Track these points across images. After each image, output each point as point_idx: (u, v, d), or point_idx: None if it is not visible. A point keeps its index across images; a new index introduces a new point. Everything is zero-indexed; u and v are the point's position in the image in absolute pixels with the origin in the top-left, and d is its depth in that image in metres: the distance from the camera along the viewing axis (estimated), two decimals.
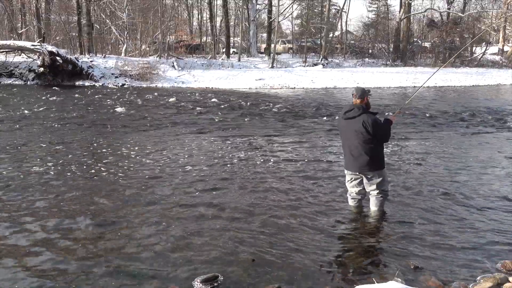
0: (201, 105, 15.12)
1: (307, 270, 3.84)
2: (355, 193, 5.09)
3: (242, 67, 29.05)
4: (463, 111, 14.08)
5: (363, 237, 4.56)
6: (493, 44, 45.61)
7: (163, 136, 9.69)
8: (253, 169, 7.06)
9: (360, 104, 4.78)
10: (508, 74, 31.83)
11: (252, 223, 4.83)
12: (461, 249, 4.22)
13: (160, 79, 23.76)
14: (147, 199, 5.59)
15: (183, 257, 4.08)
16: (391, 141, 5.93)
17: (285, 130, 10.73)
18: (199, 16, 44.42)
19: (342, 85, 24.09)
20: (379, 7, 44.96)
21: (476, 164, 7.47)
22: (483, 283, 3.55)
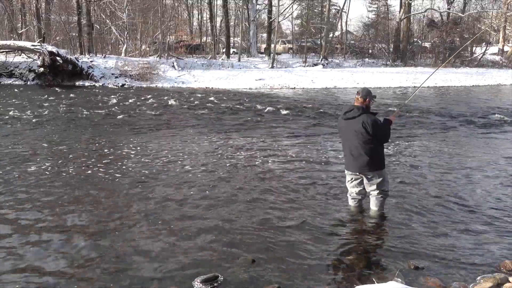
0: (201, 105, 15.12)
1: (307, 270, 3.84)
2: (355, 193, 5.09)
3: (242, 67, 29.04)
4: (464, 111, 14.07)
5: (363, 237, 4.56)
6: (493, 44, 45.58)
7: (163, 136, 9.69)
8: (252, 169, 7.06)
9: (360, 104, 4.78)
10: (508, 74, 31.81)
11: (252, 224, 4.83)
12: (461, 250, 4.22)
13: (160, 79, 23.76)
14: (146, 200, 5.59)
15: (183, 257, 4.08)
16: (391, 142, 5.93)
17: (285, 130, 10.72)
18: (199, 16, 44.43)
19: (342, 85, 24.09)
20: (379, 7, 44.96)
21: (475, 165, 7.47)
22: (483, 283, 3.55)
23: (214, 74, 25.38)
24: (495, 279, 3.60)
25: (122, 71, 23.64)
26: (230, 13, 40.31)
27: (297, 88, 23.02)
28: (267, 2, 36.82)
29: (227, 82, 23.87)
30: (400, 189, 6.04)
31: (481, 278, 3.67)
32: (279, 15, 34.18)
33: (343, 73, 27.94)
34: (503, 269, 3.85)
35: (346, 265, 3.99)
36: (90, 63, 23.81)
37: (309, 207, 5.34)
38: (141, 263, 3.96)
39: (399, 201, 5.56)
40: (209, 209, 5.27)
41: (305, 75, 26.75)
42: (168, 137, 9.59)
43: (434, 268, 3.87)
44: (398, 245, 4.34)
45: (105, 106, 14.71)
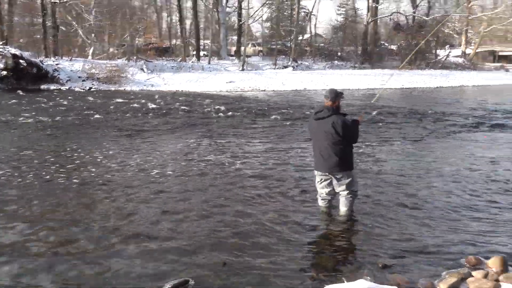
0: (170, 108, 14.98)
1: (278, 271, 3.85)
2: (325, 194, 5.14)
3: (212, 69, 28.97)
4: (429, 112, 14.48)
5: (332, 237, 4.61)
6: (456, 47, 47.14)
7: (131, 140, 9.53)
8: (222, 171, 7.03)
9: (331, 105, 4.84)
10: (470, 75, 32.99)
11: (222, 227, 4.80)
12: (427, 247, 4.32)
13: (129, 82, 23.42)
14: (112, 203, 5.48)
15: (152, 262, 4.01)
16: (359, 143, 6.03)
17: (255, 131, 10.75)
18: (168, 19, 44.10)
19: (312, 87, 24.39)
20: (347, 10, 45.69)
21: (439, 166, 7.69)
22: (448, 279, 3.64)
23: (184, 77, 25.22)
24: (460, 274, 3.71)
25: (89, 74, 23.18)
26: (200, 15, 40.16)
27: (267, 90, 23.14)
28: (237, 5, 36.90)
29: (198, 85, 23.76)
30: (369, 189, 6.14)
31: (446, 273, 3.77)
32: (249, 17, 34.32)
33: (313, 75, 28.30)
34: (467, 264, 3.96)
35: (316, 265, 4.02)
36: (55, 66, 23.23)
37: (278, 209, 5.35)
38: (109, 270, 3.88)
39: (368, 201, 5.65)
40: (177, 213, 5.20)
41: (276, 77, 26.95)
42: (137, 141, 9.44)
43: (402, 266, 3.95)
44: (367, 244, 4.40)
45: (72, 109, 14.36)
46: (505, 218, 5.11)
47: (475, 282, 3.52)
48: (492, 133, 10.89)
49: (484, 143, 9.58)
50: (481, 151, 8.70)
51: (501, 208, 5.44)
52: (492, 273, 3.70)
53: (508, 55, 52.09)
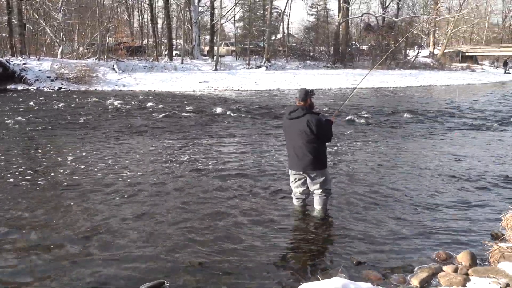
0: (142, 108, 14.78)
1: (254, 271, 3.87)
2: (299, 193, 5.18)
3: (185, 69, 28.74)
4: (399, 111, 14.79)
5: (307, 236, 4.66)
6: (424, 48, 48.34)
7: (102, 141, 9.35)
8: (195, 171, 6.99)
9: (303, 105, 4.88)
10: (439, 75, 33.89)
11: (196, 227, 4.78)
12: (400, 244, 4.42)
13: (100, 82, 22.97)
14: (82, 206, 5.36)
15: (126, 264, 3.96)
16: (332, 142, 6.11)
17: (229, 131, 10.73)
18: (139, 18, 43.46)
19: (285, 86, 24.52)
20: (319, 11, 46.18)
21: (410, 163, 7.88)
22: (420, 274, 3.74)
23: (157, 77, 24.92)
24: (431, 269, 3.81)
25: (58, 74, 22.61)
26: (172, 14, 39.79)
27: (241, 90, 23.13)
28: (209, 4, 36.71)
29: (170, 84, 23.52)
30: (342, 187, 6.24)
31: (418, 268, 3.87)
32: (222, 17, 34.19)
33: (286, 75, 28.45)
34: (438, 259, 4.08)
35: (292, 264, 4.05)
36: (22, 66, 22.55)
37: (253, 209, 5.36)
38: (80, 275, 3.80)
39: (341, 199, 5.73)
40: (150, 214, 5.14)
41: (249, 77, 26.96)
42: (108, 142, 9.27)
43: (375, 262, 4.03)
44: (341, 242, 4.47)
45: (40, 110, 13.98)
46: (473, 215, 5.29)
47: (446, 277, 3.63)
48: (464, 131, 11.20)
49: (456, 139, 9.86)
50: (453, 149, 8.95)
51: (469, 205, 5.62)
52: (461, 267, 3.82)
53: (473, 56, 53.83)
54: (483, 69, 48.07)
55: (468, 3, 47.64)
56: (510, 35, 66.07)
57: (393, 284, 3.63)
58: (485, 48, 55.57)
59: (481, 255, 4.10)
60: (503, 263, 3.76)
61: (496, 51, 54.95)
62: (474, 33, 61.66)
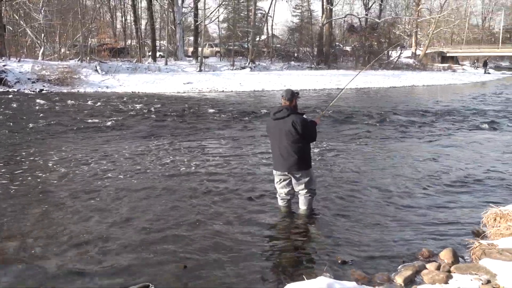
0: (124, 110, 14.65)
1: (239, 272, 3.86)
2: (284, 193, 5.20)
3: (169, 70, 28.60)
4: (383, 111, 14.95)
5: (293, 236, 4.67)
6: (407, 48, 48.97)
7: (84, 143, 9.24)
8: (179, 174, 6.94)
9: (288, 105, 4.90)
10: (421, 76, 34.36)
11: (181, 229, 4.75)
12: (384, 243, 4.47)
13: (83, 84, 22.70)
14: (63, 209, 5.29)
15: (110, 268, 3.91)
16: (316, 142, 6.15)
17: (213, 133, 10.70)
18: (122, 19, 43.07)
19: (269, 87, 24.57)
20: (302, 12, 46.44)
21: (394, 164, 7.97)
22: (403, 272, 3.78)
23: (141, 78, 24.74)
24: (414, 267, 3.86)
25: (39, 75, 22.25)
26: (156, 15, 39.57)
27: (225, 91, 23.10)
28: (193, 5, 36.61)
29: (154, 86, 23.37)
30: (326, 188, 6.27)
31: (402, 267, 3.92)
32: (206, 18, 34.12)
33: (270, 76, 28.52)
34: (421, 257, 4.13)
35: (277, 264, 4.06)
36: (2, 67, 22.13)
37: (238, 210, 5.35)
38: (64, 279, 3.75)
39: (326, 199, 5.76)
40: (134, 217, 5.10)
41: (233, 78, 26.95)
42: (90, 144, 9.15)
43: (360, 261, 4.06)
44: (326, 242, 4.50)
45: (22, 113, 13.74)
46: (455, 213, 5.37)
47: (429, 274, 3.68)
48: (447, 131, 11.35)
49: (439, 139, 10.00)
50: (435, 149, 9.08)
51: (451, 204, 5.71)
52: (444, 264, 3.87)
53: (454, 56, 54.76)
54: (464, 69, 48.95)
55: (448, 4, 48.51)
56: (489, 36, 67.43)
57: (378, 283, 3.66)
58: (466, 49, 56.58)
59: (463, 252, 4.17)
60: (484, 260, 3.83)
61: (476, 51, 55.99)
62: (455, 34, 62.71)
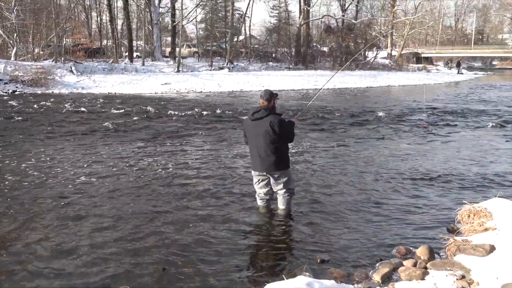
0: (101, 111, 14.43)
1: (218, 273, 3.85)
2: (263, 193, 5.20)
3: (146, 71, 28.30)
4: (361, 111, 15.14)
5: (272, 236, 4.69)
6: (382, 49, 49.74)
7: (59, 146, 9.06)
8: (157, 176, 6.88)
9: (267, 105, 4.91)
10: (397, 76, 34.96)
11: (159, 231, 4.71)
12: (362, 241, 4.53)
13: (57, 85, 22.25)
14: (40, 214, 5.18)
15: (88, 272, 3.85)
16: (293, 142, 6.18)
17: (191, 134, 10.64)
18: (98, 18, 42.31)
19: (248, 88, 24.58)
20: (280, 12, 46.64)
21: (369, 163, 8.08)
22: (381, 269, 3.84)
23: (117, 79, 24.40)
24: (391, 264, 3.92)
25: (12, 76, 21.71)
26: (132, 15, 39.06)
27: (204, 92, 23.00)
28: (170, 5, 36.29)
29: (131, 87, 23.09)
30: (305, 187, 6.31)
31: (380, 264, 3.97)
32: (183, 18, 33.88)
33: (249, 77, 28.54)
34: (398, 254, 4.20)
35: (257, 265, 4.07)
36: None
37: (217, 211, 5.33)
38: (44, 281, 3.67)
39: (305, 199, 5.80)
40: (111, 219, 5.03)
41: (212, 79, 26.86)
42: (66, 146, 8.98)
43: (339, 260, 4.10)
44: (305, 241, 4.53)
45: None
46: (431, 211, 5.48)
47: (406, 271, 3.74)
48: (424, 130, 11.59)
49: (416, 139, 10.19)
50: (412, 148, 9.25)
51: (427, 202, 5.83)
52: (420, 261, 3.95)
53: (429, 57, 55.92)
54: (438, 69, 50.03)
55: (423, 6, 49.48)
56: (462, 37, 69.15)
57: (356, 281, 3.70)
58: (440, 50, 57.89)
59: (439, 249, 4.25)
60: (459, 256, 3.92)
61: (449, 52, 57.35)
62: (429, 35, 64.08)
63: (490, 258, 3.76)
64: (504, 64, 68.56)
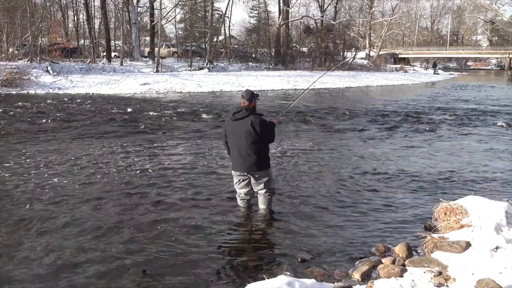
0: (75, 113, 14.19)
1: (199, 274, 3.83)
2: (244, 194, 5.20)
3: (125, 71, 27.96)
4: (341, 111, 15.29)
5: (253, 236, 4.69)
6: (361, 50, 50.32)
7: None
8: (137, 176, 6.81)
9: (247, 106, 4.91)
10: (375, 76, 35.41)
11: (139, 233, 4.65)
12: (341, 240, 4.57)
13: (33, 85, 21.79)
14: (17, 217, 5.06)
15: (68, 277, 3.78)
16: (273, 143, 6.21)
17: (171, 135, 10.56)
18: (75, 18, 41.64)
19: (228, 88, 24.53)
20: (259, 13, 46.74)
21: (349, 163, 8.17)
22: (361, 267, 3.89)
23: (95, 79, 24.04)
24: (371, 262, 3.98)
25: None
26: (110, 14, 38.55)
27: (183, 92, 22.86)
28: (149, 5, 35.94)
29: (109, 87, 22.77)
30: (285, 187, 6.34)
31: (359, 262, 4.02)
32: (162, 18, 33.60)
33: (229, 77, 28.48)
34: (377, 252, 4.26)
35: (238, 265, 4.06)
36: None
37: (197, 212, 5.31)
38: (20, 286, 3.59)
39: (285, 198, 5.83)
40: (90, 222, 4.95)
41: (191, 79, 26.71)
42: (43, 148, 8.80)
43: (319, 259, 4.14)
44: (286, 240, 4.55)
45: None
46: (409, 209, 5.58)
47: (385, 268, 3.80)
48: (401, 131, 11.78)
49: (394, 139, 10.34)
50: (389, 149, 9.38)
51: (405, 201, 5.93)
52: (398, 258, 4.01)
53: (406, 57, 56.89)
54: (414, 70, 50.93)
55: (400, 7, 50.30)
56: (438, 38, 70.58)
57: (336, 279, 3.74)
58: (416, 51, 58.99)
59: (417, 246, 4.33)
60: (436, 253, 4.00)
61: (426, 53, 58.51)
62: (406, 36, 65.21)
63: (466, 254, 3.85)
64: (478, 64, 70.35)
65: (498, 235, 3.99)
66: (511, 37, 66.79)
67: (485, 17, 73.38)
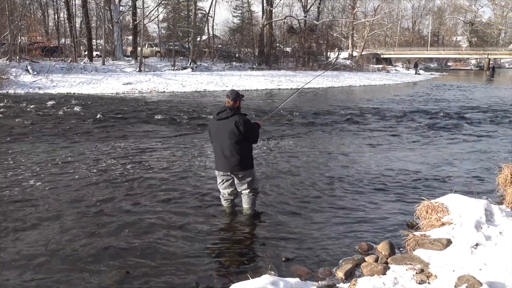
0: (56, 113, 13.98)
1: (183, 275, 3.81)
2: (227, 194, 5.19)
3: (107, 71, 27.66)
4: (323, 111, 15.39)
5: (236, 236, 4.69)
6: (344, 50, 50.72)
7: (15, 150, 8.71)
8: (119, 175, 6.74)
9: (232, 105, 4.90)
10: (357, 76, 35.74)
11: (122, 234, 4.60)
12: (325, 239, 4.60)
13: (12, 85, 21.39)
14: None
15: (48, 280, 3.72)
16: (258, 142, 6.21)
17: (154, 135, 10.48)
18: (55, 16, 40.97)
19: (211, 88, 24.46)
20: (243, 13, 46.70)
21: (333, 164, 8.23)
22: (344, 266, 3.92)
23: (76, 79, 23.72)
24: (354, 260, 4.01)
25: None
26: (91, 13, 38.02)
27: (167, 92, 22.71)
28: (131, 4, 35.59)
29: (91, 87, 22.49)
30: (269, 187, 6.35)
31: (343, 261, 4.05)
32: (145, 17, 33.32)
33: (212, 77, 28.41)
34: (361, 250, 4.30)
35: (222, 265, 4.06)
36: None
37: (181, 212, 5.28)
38: None
39: (269, 198, 5.84)
40: (70, 223, 4.88)
41: (175, 78, 26.56)
42: (21, 150, 8.65)
43: (303, 258, 4.15)
44: (270, 240, 4.55)
45: None
46: (392, 208, 5.64)
47: (368, 266, 3.84)
48: (386, 131, 11.90)
49: (377, 140, 10.45)
50: (373, 149, 9.47)
51: (387, 200, 6.00)
52: (381, 256, 4.06)
53: (388, 58, 57.56)
54: (396, 70, 51.59)
55: (382, 8, 50.91)
56: (419, 39, 71.59)
57: (320, 278, 3.76)
58: (398, 51, 59.74)
59: (399, 244, 4.38)
60: (418, 250, 4.06)
61: (407, 53, 59.31)
62: (388, 37, 65.97)
63: (447, 251, 3.91)
64: (458, 65, 71.60)
65: (478, 232, 4.07)
66: (489, 38, 68.23)
67: (464, 18, 74.82)
